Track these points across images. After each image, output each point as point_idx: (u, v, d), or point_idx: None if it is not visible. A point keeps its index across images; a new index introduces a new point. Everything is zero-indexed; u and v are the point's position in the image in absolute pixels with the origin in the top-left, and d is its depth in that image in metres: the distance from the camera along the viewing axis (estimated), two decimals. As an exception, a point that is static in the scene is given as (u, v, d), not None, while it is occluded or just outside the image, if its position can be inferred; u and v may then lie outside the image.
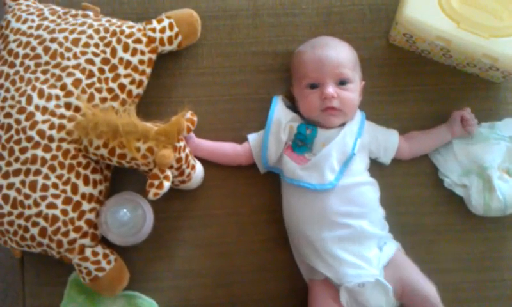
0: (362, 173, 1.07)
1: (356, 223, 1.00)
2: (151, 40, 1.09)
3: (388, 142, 1.11)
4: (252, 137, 1.11)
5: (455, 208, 1.14)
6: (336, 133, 1.05)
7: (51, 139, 0.98)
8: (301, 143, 1.06)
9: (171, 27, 1.11)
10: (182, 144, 0.98)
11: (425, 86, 1.17)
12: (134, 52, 1.06)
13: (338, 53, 1.07)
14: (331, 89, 1.03)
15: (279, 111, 1.09)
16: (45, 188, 0.97)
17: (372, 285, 0.98)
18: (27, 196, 0.97)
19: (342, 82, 1.05)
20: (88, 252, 1.00)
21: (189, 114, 1.08)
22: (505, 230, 1.14)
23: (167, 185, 0.95)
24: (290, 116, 1.09)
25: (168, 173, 0.95)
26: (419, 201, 1.14)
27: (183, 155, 0.99)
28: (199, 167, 1.08)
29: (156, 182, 0.94)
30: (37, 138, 0.98)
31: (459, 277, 1.12)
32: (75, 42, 1.04)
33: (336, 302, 1.00)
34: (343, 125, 1.07)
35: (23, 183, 0.97)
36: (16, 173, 0.97)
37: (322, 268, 1.01)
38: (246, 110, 1.15)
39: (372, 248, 1.01)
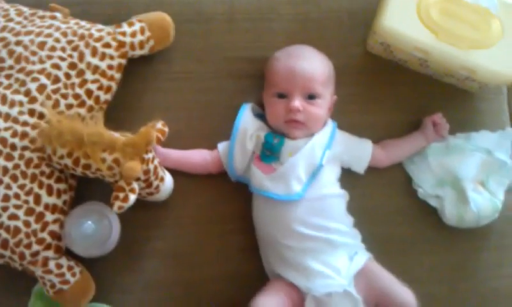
0: (332, 184, 1.05)
1: (323, 235, 0.99)
2: (121, 45, 1.05)
3: (361, 151, 1.10)
4: (222, 146, 1.09)
5: (428, 218, 1.13)
6: (304, 143, 1.03)
7: (13, 147, 0.95)
8: (269, 153, 1.04)
9: (142, 31, 1.08)
10: (150, 155, 0.95)
11: (401, 95, 1.16)
12: (103, 57, 1.03)
13: (312, 66, 1.05)
14: (297, 103, 1.02)
15: (246, 120, 1.06)
16: (6, 198, 0.94)
17: (339, 295, 0.96)
18: (-12, 207, 0.93)
19: (310, 97, 1.03)
20: (52, 264, 0.97)
21: (159, 125, 1.04)
22: (478, 241, 1.13)
23: (133, 198, 0.91)
24: (257, 125, 1.07)
25: (135, 185, 0.92)
26: (392, 211, 1.13)
27: (151, 166, 0.96)
28: (168, 179, 1.04)
29: (121, 195, 0.91)
30: (-1, 146, 0.94)
31: (432, 287, 1.10)
32: (41, 46, 1.01)
33: None
34: (312, 135, 1.04)
35: (-16, 193, 0.93)
36: (-23, 183, 0.94)
37: (290, 277, 0.99)
38: (219, 117, 1.12)
39: (341, 257, 1.00)
